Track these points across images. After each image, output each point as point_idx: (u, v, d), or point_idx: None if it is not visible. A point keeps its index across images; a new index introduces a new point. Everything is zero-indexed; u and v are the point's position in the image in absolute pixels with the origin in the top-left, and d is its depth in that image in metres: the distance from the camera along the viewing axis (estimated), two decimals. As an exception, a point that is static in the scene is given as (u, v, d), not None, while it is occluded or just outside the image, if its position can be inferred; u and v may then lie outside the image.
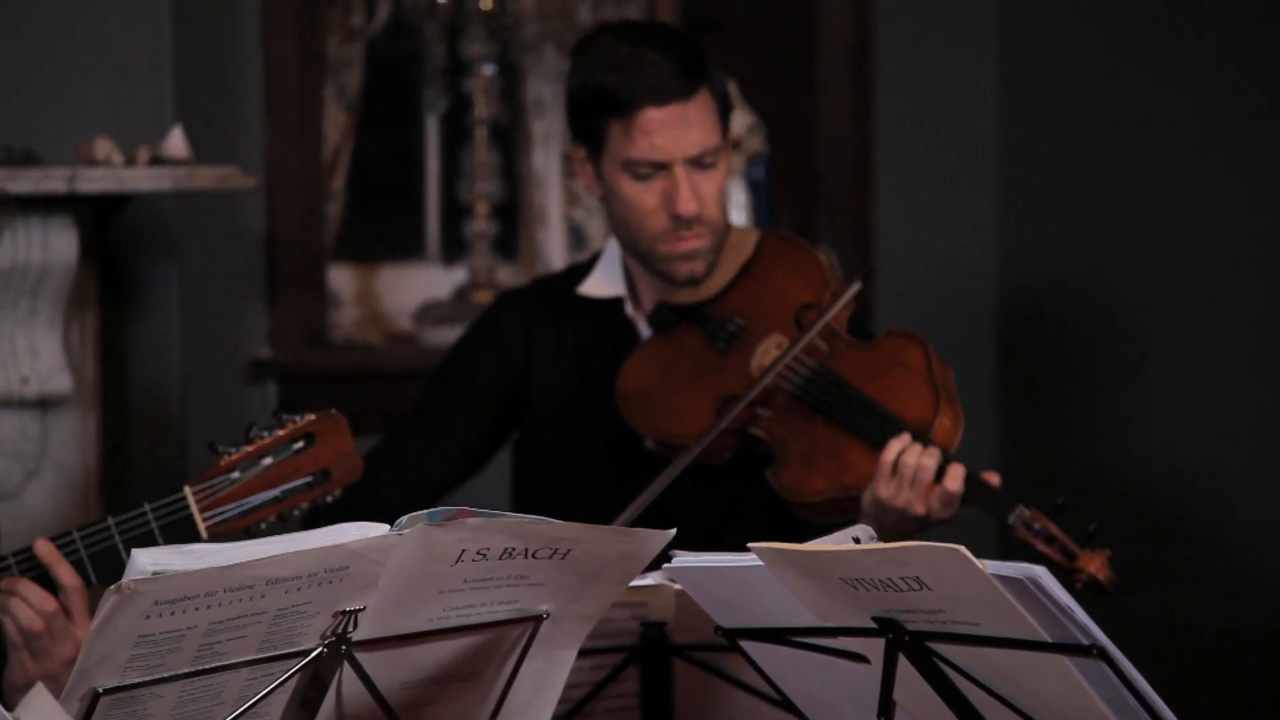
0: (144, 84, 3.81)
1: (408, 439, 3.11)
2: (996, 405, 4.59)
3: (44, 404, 3.70)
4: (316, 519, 2.68)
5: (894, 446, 2.82)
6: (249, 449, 2.57)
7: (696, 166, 2.97)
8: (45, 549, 2.47)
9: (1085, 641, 1.84)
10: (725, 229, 3.05)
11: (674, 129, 2.94)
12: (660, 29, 3.33)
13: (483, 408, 3.11)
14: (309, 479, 2.59)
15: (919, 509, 2.80)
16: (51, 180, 3.55)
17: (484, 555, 2.00)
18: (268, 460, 2.57)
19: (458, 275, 4.73)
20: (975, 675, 1.93)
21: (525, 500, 3.14)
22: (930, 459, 2.80)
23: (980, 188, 4.61)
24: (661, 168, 2.96)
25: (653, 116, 2.94)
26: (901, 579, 1.87)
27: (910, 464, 2.80)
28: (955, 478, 2.80)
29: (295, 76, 4.27)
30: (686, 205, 2.95)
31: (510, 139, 4.82)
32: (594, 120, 2.98)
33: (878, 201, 4.63)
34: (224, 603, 1.89)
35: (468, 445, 3.11)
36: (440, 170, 4.79)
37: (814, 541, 2.01)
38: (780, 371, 2.93)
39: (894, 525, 2.80)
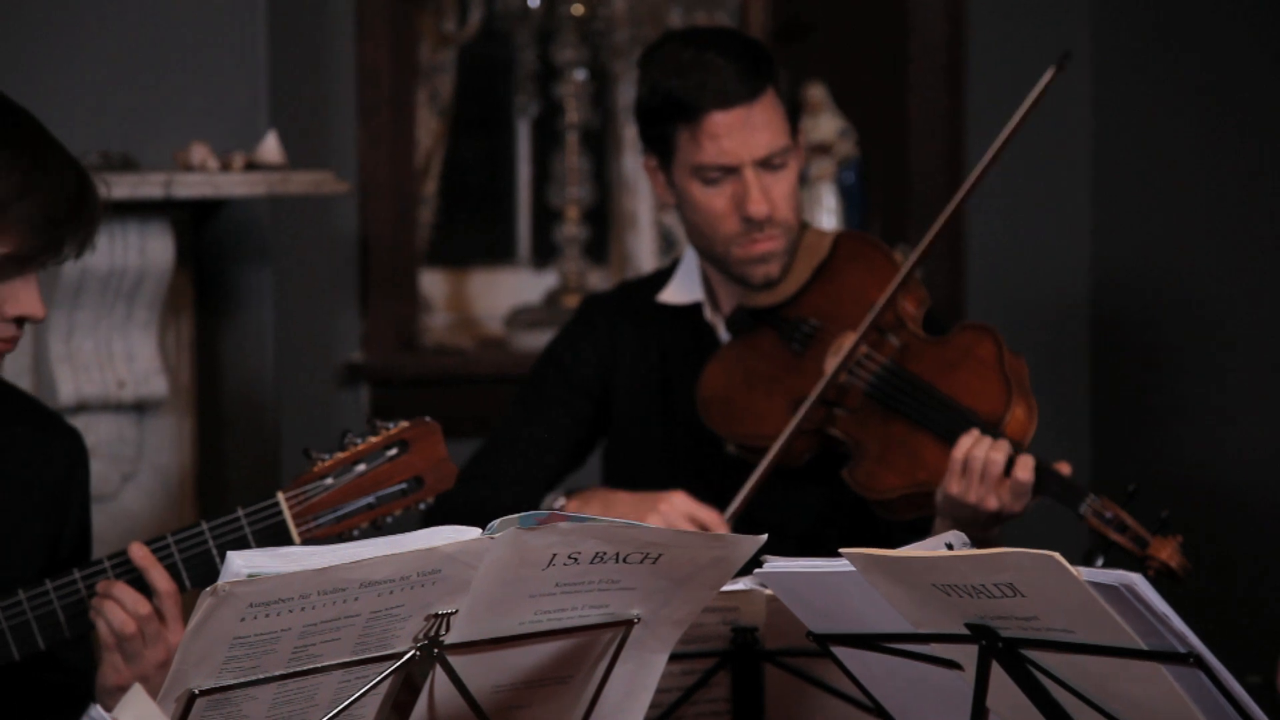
0: (239, 90, 3.85)
1: (517, 435, 3.12)
2: (1088, 403, 4.57)
3: (140, 408, 3.73)
4: (439, 519, 2.70)
5: (963, 443, 2.81)
6: (343, 455, 2.58)
7: (766, 168, 2.97)
8: (140, 553, 2.49)
9: (1182, 649, 1.83)
10: (799, 230, 3.04)
11: (740, 132, 2.95)
12: (724, 33, 3.33)
13: (580, 400, 3.12)
14: (402, 486, 2.60)
15: (991, 503, 2.79)
16: (148, 185, 3.58)
17: (575, 559, 2.00)
18: (361, 467, 2.58)
19: (548, 280, 4.74)
20: (1069, 683, 1.91)
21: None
22: (999, 452, 2.79)
23: (1073, 189, 4.58)
24: (730, 171, 2.96)
25: (719, 120, 2.95)
26: (995, 585, 1.86)
27: (979, 458, 2.79)
28: (1025, 468, 2.79)
29: (388, 82, 4.29)
30: (757, 207, 2.95)
31: (601, 144, 4.82)
32: (662, 127, 2.99)
33: (970, 205, 4.60)
34: (318, 605, 1.89)
35: (569, 437, 3.12)
36: (531, 175, 4.80)
37: (907, 547, 2.00)
38: (853, 369, 2.93)
39: (969, 520, 2.79)
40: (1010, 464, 2.80)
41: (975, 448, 2.80)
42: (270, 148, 3.75)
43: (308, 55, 4.18)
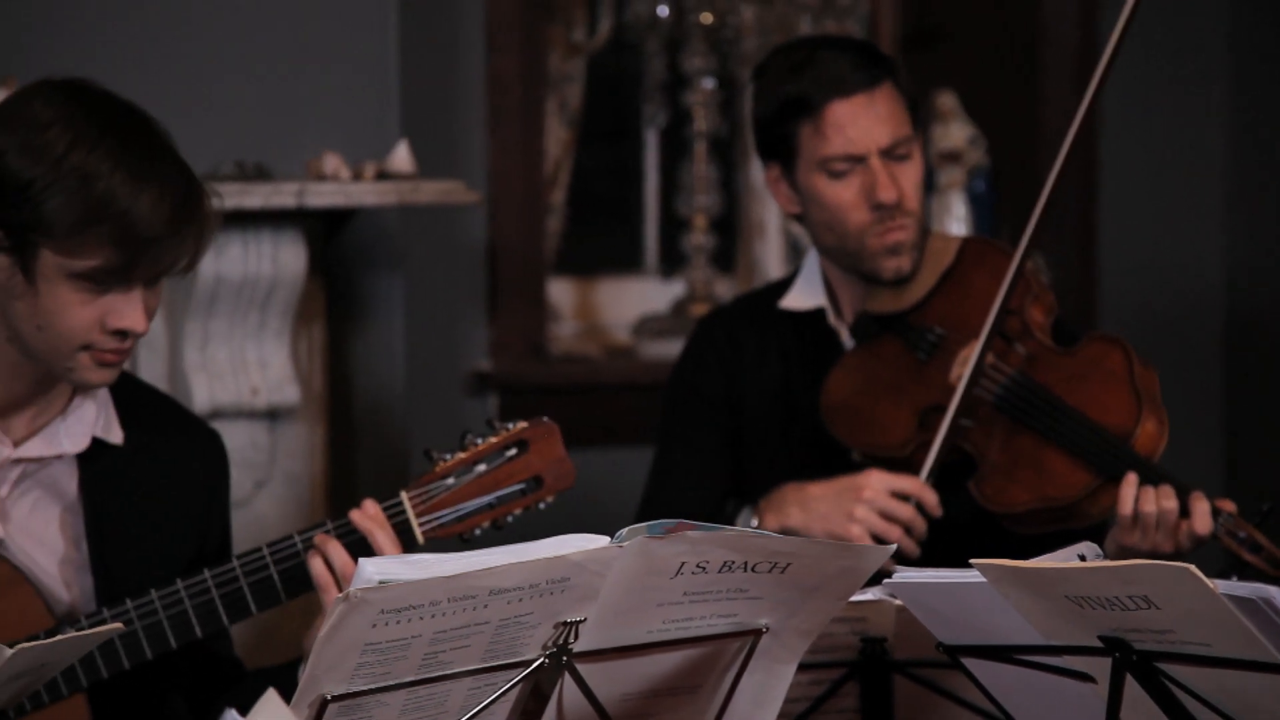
0: (371, 101, 3.88)
1: (676, 465, 3.11)
2: (1222, 416, 4.50)
3: (273, 415, 3.77)
4: None
5: (1126, 496, 2.76)
6: (463, 455, 2.60)
7: (891, 157, 2.96)
8: (326, 542, 2.53)
9: (1320, 664, 1.80)
10: (926, 231, 3.03)
11: (864, 119, 2.94)
12: (831, 35, 3.32)
13: (721, 417, 3.11)
14: (522, 486, 2.61)
15: (1168, 548, 2.75)
16: (281, 195, 3.62)
17: (703, 568, 2.00)
18: (481, 467, 2.60)
19: (676, 288, 4.74)
20: (1205, 696, 1.89)
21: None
22: (1170, 500, 2.75)
23: (1207, 196, 4.52)
24: (856, 160, 2.95)
25: (841, 109, 2.94)
26: (1129, 598, 1.84)
27: (1151, 511, 2.75)
28: (1203, 520, 2.74)
29: (518, 92, 4.31)
30: (887, 193, 2.94)
31: (729, 152, 4.82)
32: (784, 127, 2.99)
33: (1102, 212, 4.56)
34: (448, 612, 1.90)
35: (726, 453, 3.11)
36: (659, 184, 4.80)
37: (1039, 558, 1.98)
38: (979, 381, 2.90)
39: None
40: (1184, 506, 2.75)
41: (1144, 501, 2.76)
42: (401, 157, 3.77)
43: (439, 65, 4.21)
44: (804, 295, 3.10)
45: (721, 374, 3.12)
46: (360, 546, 2.52)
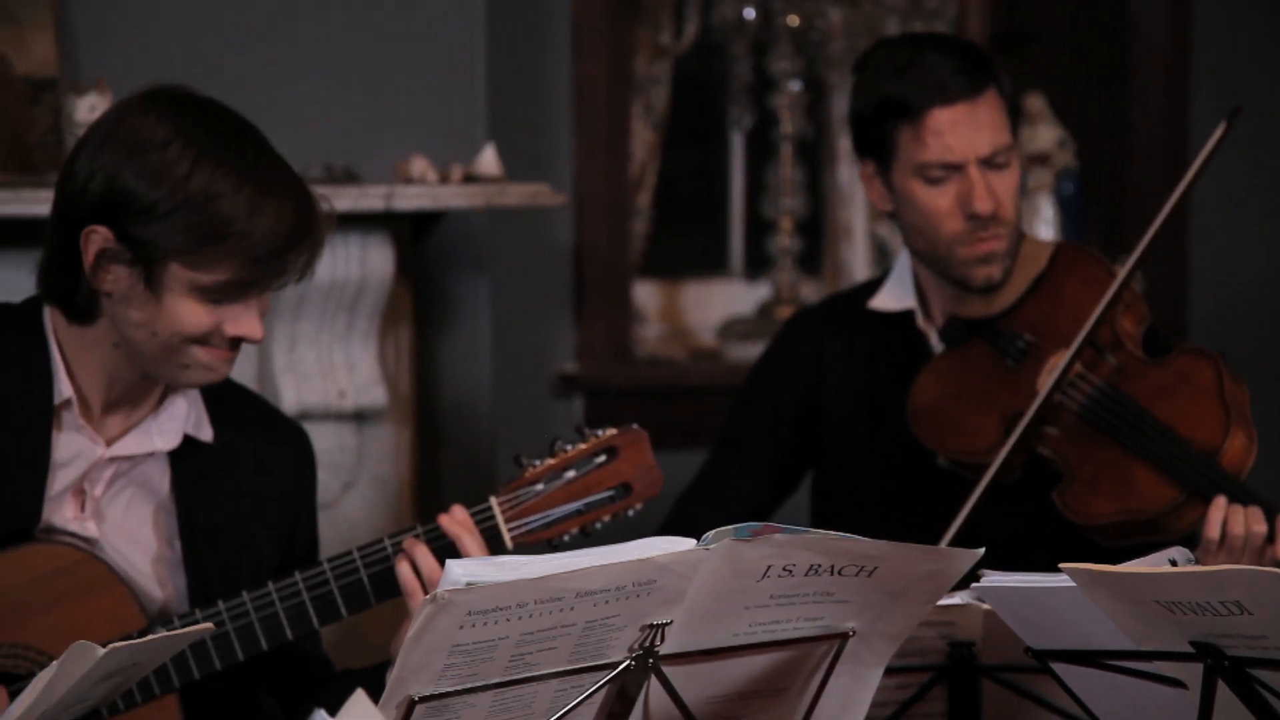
0: (458, 104, 3.89)
1: (720, 468, 3.13)
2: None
3: (360, 417, 3.79)
4: None
5: (1214, 519, 2.73)
6: (552, 461, 2.61)
7: (989, 166, 2.93)
8: (413, 546, 2.54)
9: None
10: (1019, 236, 3.00)
11: (964, 127, 2.92)
12: (939, 34, 3.30)
13: (785, 428, 3.11)
14: (610, 492, 2.61)
15: None
16: (369, 198, 3.64)
17: (790, 571, 2.00)
18: (570, 473, 2.60)
19: (761, 291, 4.73)
20: (1299, 704, 1.87)
21: (824, 516, 3.13)
22: (1259, 524, 2.72)
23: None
24: (954, 169, 2.93)
25: (942, 116, 2.92)
26: (1221, 603, 1.82)
27: (1239, 534, 2.72)
28: None
29: (604, 95, 4.32)
30: (983, 203, 2.91)
31: (815, 154, 4.81)
32: (882, 128, 2.96)
33: (1194, 216, 4.52)
34: (535, 614, 1.91)
35: (777, 466, 3.11)
36: (745, 186, 4.80)
37: (1129, 563, 1.97)
38: (1066, 389, 2.88)
39: None
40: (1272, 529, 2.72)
41: (1232, 523, 2.72)
42: (488, 160, 3.79)
43: (525, 69, 4.22)
44: (894, 296, 3.09)
45: (798, 383, 3.10)
46: (448, 551, 2.53)
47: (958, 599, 2.23)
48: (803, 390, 3.10)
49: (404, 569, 2.52)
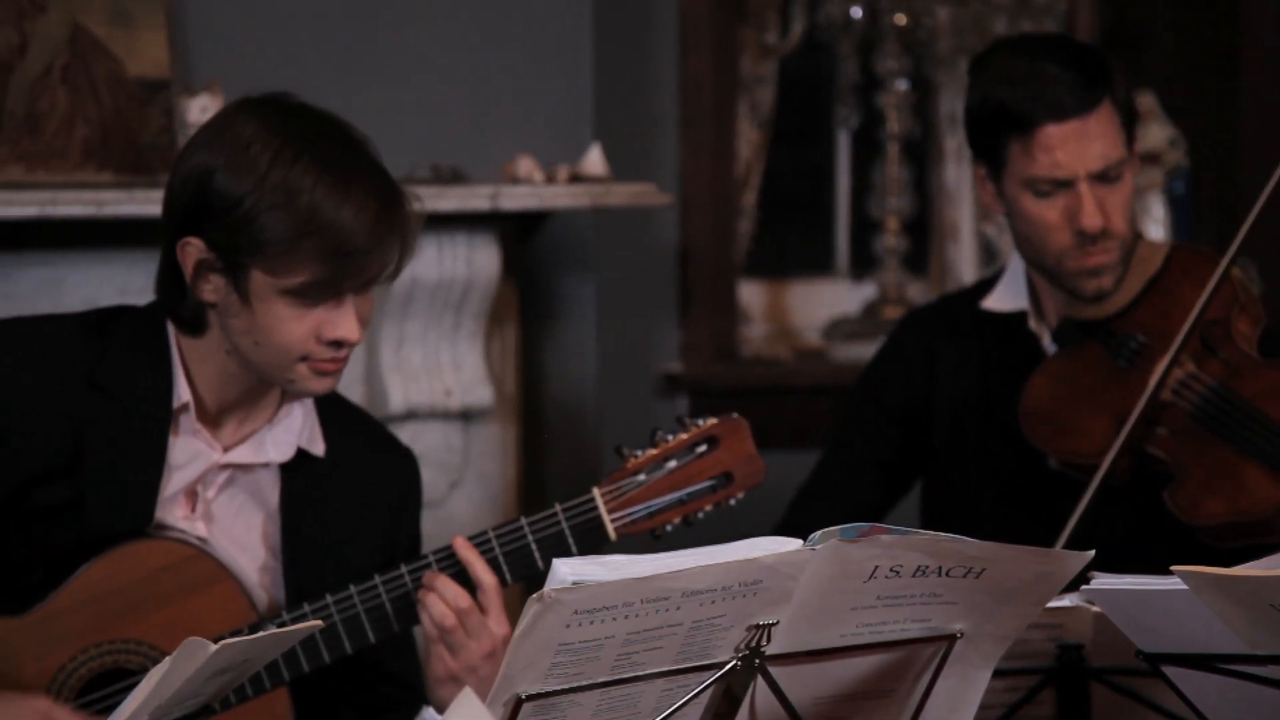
0: (565, 104, 3.91)
1: (832, 469, 3.12)
2: None
3: (466, 416, 3.81)
4: None
5: None
6: (654, 452, 2.61)
7: (1101, 181, 2.90)
8: (463, 547, 2.54)
9: None
10: (1134, 241, 2.97)
11: (1075, 144, 2.88)
12: (1060, 41, 3.26)
13: (897, 429, 3.10)
14: (712, 482, 2.61)
15: None
16: (476, 198, 3.66)
17: (897, 572, 1.99)
18: (672, 463, 2.61)
19: (867, 291, 4.72)
20: None
21: (933, 516, 3.12)
22: None
23: None
24: (1064, 184, 2.90)
25: (1053, 133, 2.89)
26: (1337, 607, 1.80)
27: None
28: None
29: (710, 95, 4.32)
30: (1091, 221, 2.89)
31: (922, 154, 4.79)
32: (993, 138, 2.94)
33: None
34: (641, 613, 1.91)
35: (889, 467, 3.11)
36: (851, 186, 4.78)
37: (1243, 566, 1.94)
38: (1179, 389, 2.85)
39: None
40: None
41: None
42: (594, 160, 3.80)
43: (631, 68, 4.23)
44: (1007, 297, 3.07)
45: (908, 385, 3.09)
46: (462, 578, 2.52)
47: (1067, 601, 2.21)
48: (914, 392, 3.09)
49: (425, 616, 2.51)
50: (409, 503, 2.67)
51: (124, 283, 3.49)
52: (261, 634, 2.09)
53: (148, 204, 3.37)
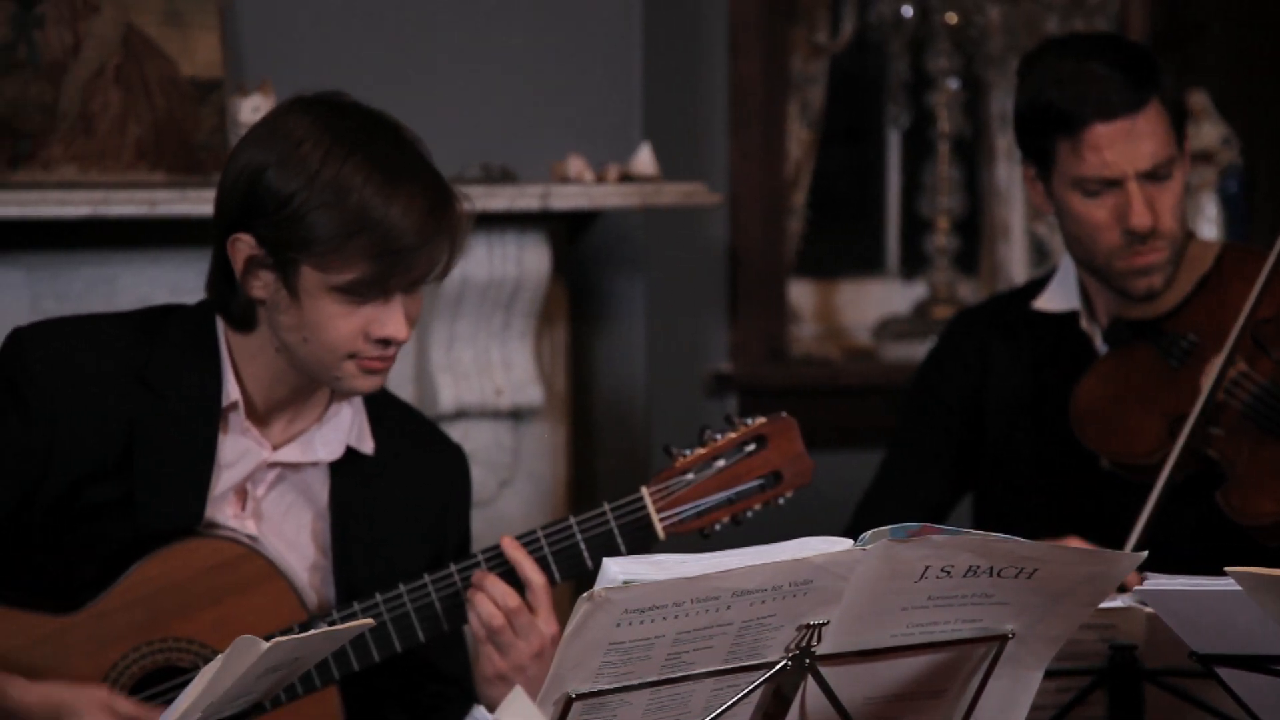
0: (615, 104, 3.91)
1: (897, 470, 3.11)
2: None
3: (517, 415, 3.82)
4: None
5: None
6: (702, 451, 2.61)
7: (1150, 180, 2.89)
8: (512, 547, 2.54)
9: None
10: (1185, 240, 2.96)
11: (1123, 144, 2.87)
12: (1108, 40, 3.25)
13: (957, 424, 3.09)
14: (760, 481, 2.61)
15: None
16: (526, 197, 3.66)
17: (948, 572, 1.98)
18: (721, 462, 2.60)
19: (917, 290, 4.70)
20: None
21: (984, 516, 3.11)
22: None
23: None
24: (1113, 184, 2.89)
25: (1101, 132, 2.88)
26: (1393, 609, 1.79)
27: None
28: None
29: (760, 94, 4.31)
30: (1140, 220, 2.88)
31: (973, 153, 4.77)
32: (1042, 139, 2.94)
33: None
34: (691, 613, 1.91)
35: (954, 463, 3.09)
36: (901, 185, 4.77)
37: (1298, 567, 1.93)
38: (1230, 388, 2.84)
39: None
40: None
41: None
42: (644, 160, 3.80)
43: (681, 68, 4.23)
44: (1058, 297, 3.06)
45: (964, 382, 3.09)
46: (510, 577, 2.53)
47: (1119, 602, 2.20)
48: (969, 388, 3.08)
49: (473, 617, 2.52)
50: (458, 500, 2.68)
51: (176, 282, 3.51)
52: (312, 632, 2.10)
53: (200, 204, 3.39)
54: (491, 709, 2.15)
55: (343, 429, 2.57)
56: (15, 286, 3.51)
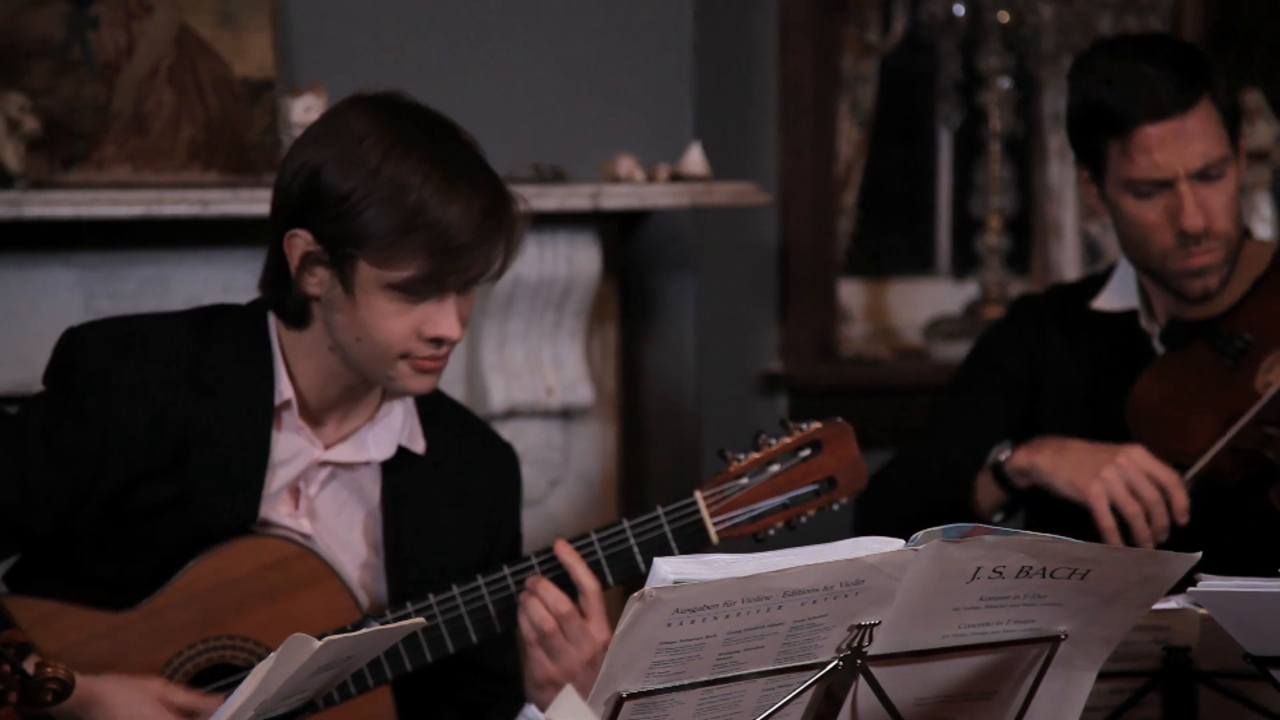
0: (665, 103, 3.91)
1: (952, 416, 3.08)
2: None
3: (567, 414, 3.82)
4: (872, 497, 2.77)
5: None
6: (757, 455, 2.60)
7: (1202, 180, 2.87)
8: (565, 551, 2.54)
9: None
10: (1240, 240, 2.94)
11: (1174, 144, 2.86)
12: (1157, 40, 3.23)
13: (1013, 390, 3.07)
14: (815, 486, 2.60)
15: None
16: (577, 197, 3.67)
17: (1000, 573, 1.97)
18: (775, 467, 2.59)
19: (968, 290, 4.69)
20: None
21: (1036, 514, 3.09)
22: None
23: None
24: (1164, 185, 2.88)
25: (1151, 133, 2.86)
26: None
27: None
28: None
29: (811, 93, 4.31)
30: (1192, 221, 2.86)
31: (1025, 152, 4.76)
32: (1093, 141, 2.93)
33: None
34: (742, 613, 1.90)
35: (1003, 421, 3.06)
36: (952, 184, 4.76)
37: (1354, 569, 1.92)
38: None
39: None
40: None
41: None
42: (694, 159, 3.80)
43: (732, 68, 4.23)
44: (1117, 296, 3.05)
45: (1025, 359, 3.07)
46: (564, 580, 2.53)
47: (1173, 603, 2.19)
48: (1029, 366, 3.07)
49: (523, 620, 2.52)
50: (510, 498, 2.68)
51: (228, 281, 3.52)
52: (365, 631, 2.10)
53: (252, 203, 3.40)
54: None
55: (394, 428, 2.58)
56: (69, 286, 3.54)
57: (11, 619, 2.39)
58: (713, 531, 2.58)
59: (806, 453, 2.60)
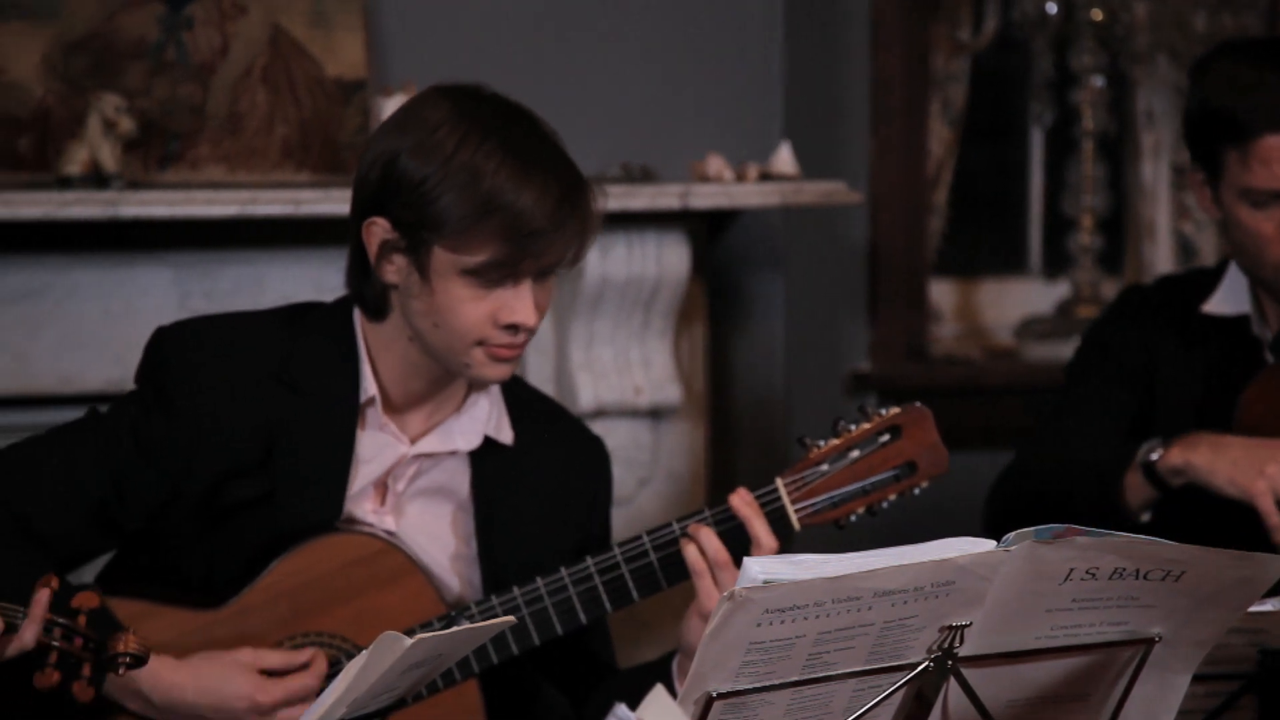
0: (755, 102, 3.90)
1: (1079, 404, 3.05)
2: None
3: (656, 414, 3.82)
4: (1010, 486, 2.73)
5: None
6: (837, 442, 2.60)
7: None
8: (742, 503, 2.54)
9: None
10: None
11: None
12: None
13: (1135, 390, 3.03)
14: (895, 471, 2.59)
15: None
16: (666, 197, 3.67)
17: (1093, 575, 1.96)
18: (855, 453, 2.59)
19: (1060, 290, 4.66)
20: None
21: (1178, 514, 3.05)
22: None
23: None
24: None
25: (1273, 144, 2.84)
26: None
27: None
28: None
29: (901, 92, 4.29)
30: None
31: (1118, 151, 4.72)
32: (1211, 146, 2.90)
33: None
34: (832, 613, 1.90)
35: (1129, 410, 3.03)
36: (1044, 183, 4.73)
37: None
38: None
39: None
40: None
41: None
42: (784, 158, 3.79)
43: (822, 66, 4.22)
44: (1228, 300, 3.02)
45: (1142, 355, 3.03)
46: (736, 534, 2.52)
47: (1269, 605, 2.17)
48: (1142, 362, 3.03)
49: (690, 550, 2.52)
50: (602, 490, 2.69)
51: (320, 280, 3.55)
52: (455, 629, 2.11)
53: (344, 203, 3.39)
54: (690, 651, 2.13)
55: (480, 419, 2.59)
56: (164, 285, 3.57)
57: (112, 615, 2.41)
58: (794, 518, 2.57)
59: (886, 438, 2.60)
